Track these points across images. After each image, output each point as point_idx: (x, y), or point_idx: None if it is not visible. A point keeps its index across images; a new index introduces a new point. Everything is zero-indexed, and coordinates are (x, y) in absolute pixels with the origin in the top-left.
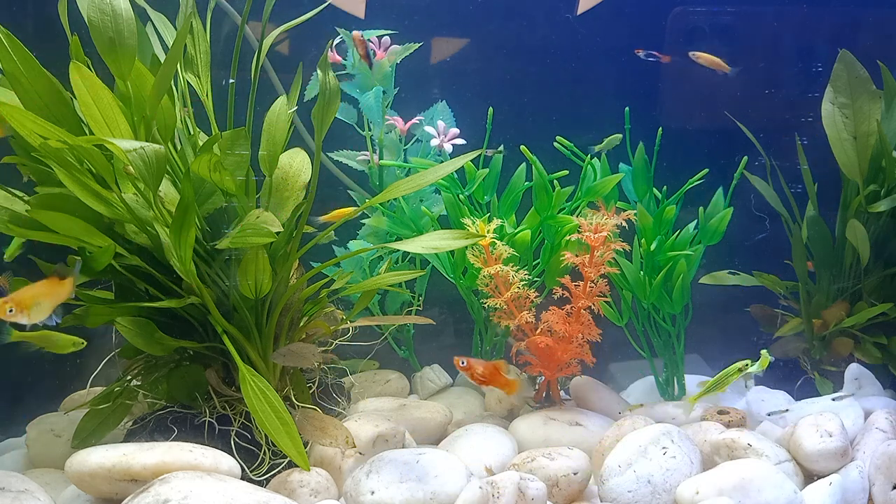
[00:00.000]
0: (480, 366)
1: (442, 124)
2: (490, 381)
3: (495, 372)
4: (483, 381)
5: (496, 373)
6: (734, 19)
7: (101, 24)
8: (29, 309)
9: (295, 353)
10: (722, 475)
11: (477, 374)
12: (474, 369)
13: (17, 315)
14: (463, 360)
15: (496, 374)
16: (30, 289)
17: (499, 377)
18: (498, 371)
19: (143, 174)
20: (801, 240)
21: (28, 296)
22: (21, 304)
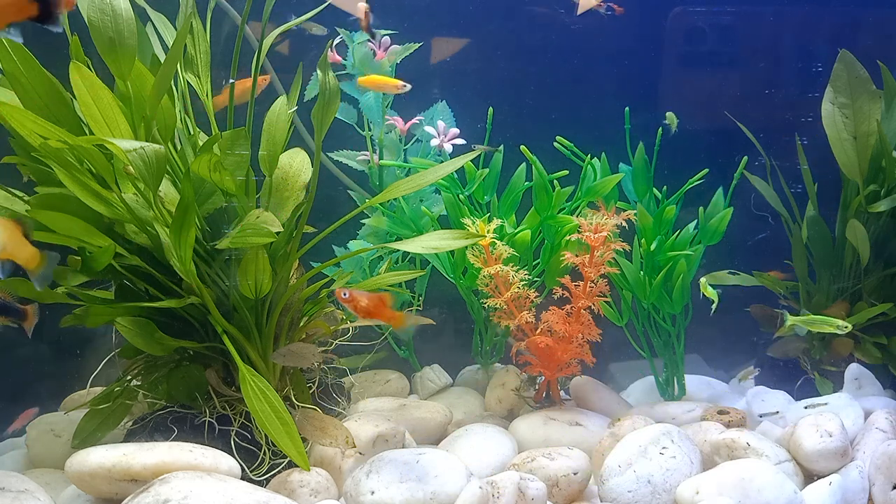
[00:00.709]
0: (364, 298)
1: (442, 124)
2: (374, 314)
3: (380, 305)
4: (367, 314)
5: (381, 305)
6: (734, 19)
7: (101, 24)
8: None
9: (295, 353)
10: (722, 475)
11: (360, 306)
12: (357, 301)
13: None
14: (345, 292)
15: (381, 307)
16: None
17: (384, 310)
18: (383, 304)
19: (143, 174)
20: (801, 240)
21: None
22: None
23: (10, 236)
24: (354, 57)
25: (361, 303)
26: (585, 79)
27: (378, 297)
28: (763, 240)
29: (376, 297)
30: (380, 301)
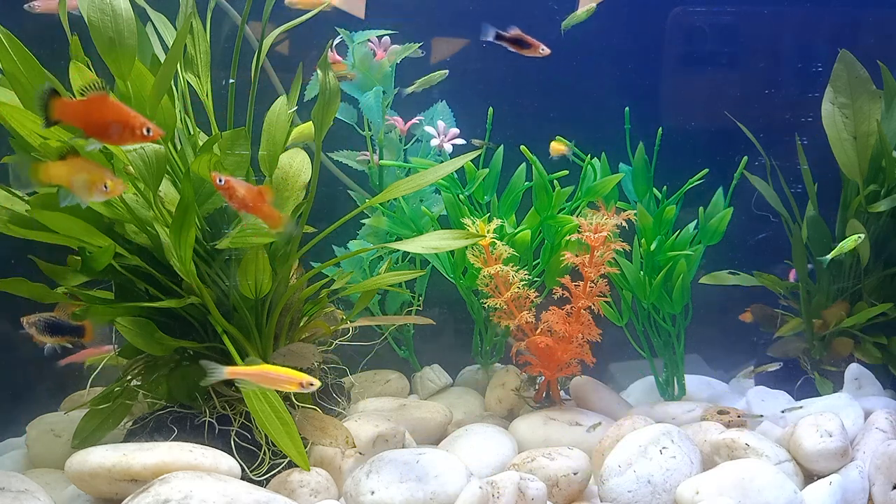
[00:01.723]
0: (242, 188)
1: (442, 124)
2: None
3: (259, 198)
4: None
5: (260, 199)
6: (734, 19)
7: (101, 24)
8: None
9: (295, 353)
10: (722, 475)
11: (237, 196)
12: (234, 190)
13: None
14: (221, 178)
15: (259, 201)
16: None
17: (262, 206)
18: (262, 198)
19: (143, 174)
20: (801, 240)
21: None
22: None
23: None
24: (354, 57)
25: (239, 192)
26: (585, 79)
27: (257, 191)
28: (763, 240)
29: (255, 190)
30: (259, 194)
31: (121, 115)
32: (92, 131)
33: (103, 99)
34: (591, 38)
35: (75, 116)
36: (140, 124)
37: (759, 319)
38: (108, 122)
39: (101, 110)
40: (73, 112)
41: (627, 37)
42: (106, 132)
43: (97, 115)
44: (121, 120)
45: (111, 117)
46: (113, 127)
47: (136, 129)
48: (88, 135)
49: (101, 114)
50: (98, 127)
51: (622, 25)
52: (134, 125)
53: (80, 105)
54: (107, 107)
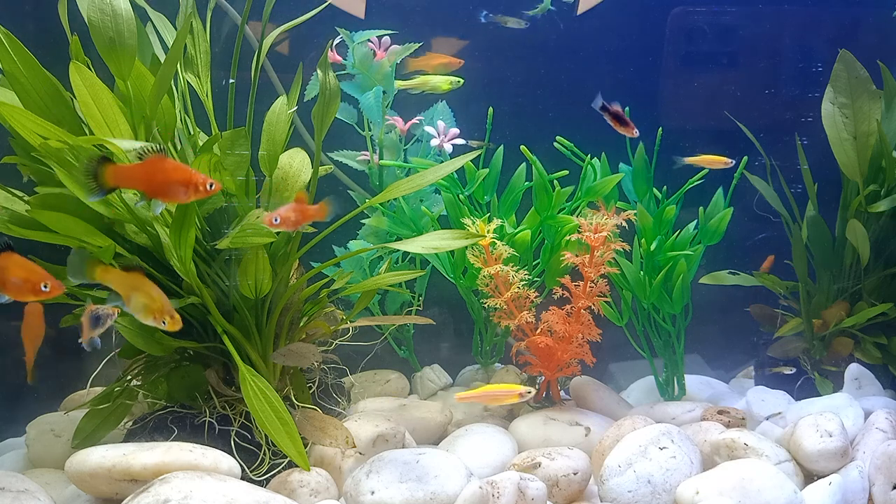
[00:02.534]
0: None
1: (442, 124)
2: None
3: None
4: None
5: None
6: (734, 19)
7: (101, 24)
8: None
9: (295, 353)
10: (722, 475)
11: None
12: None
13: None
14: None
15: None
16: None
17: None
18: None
19: None
20: (801, 240)
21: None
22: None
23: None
24: (354, 57)
25: (292, 218)
26: (585, 79)
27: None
28: (763, 240)
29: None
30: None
31: (183, 174)
32: (154, 192)
33: (162, 160)
34: (592, 38)
35: (134, 180)
36: (202, 181)
37: (760, 319)
38: (171, 182)
39: (163, 172)
40: (131, 176)
41: (628, 37)
42: (168, 192)
43: (159, 176)
44: (183, 179)
45: (174, 178)
46: (175, 187)
47: (198, 185)
48: (150, 196)
49: (163, 175)
50: (160, 188)
51: (622, 25)
52: (196, 182)
53: (138, 169)
54: (167, 168)
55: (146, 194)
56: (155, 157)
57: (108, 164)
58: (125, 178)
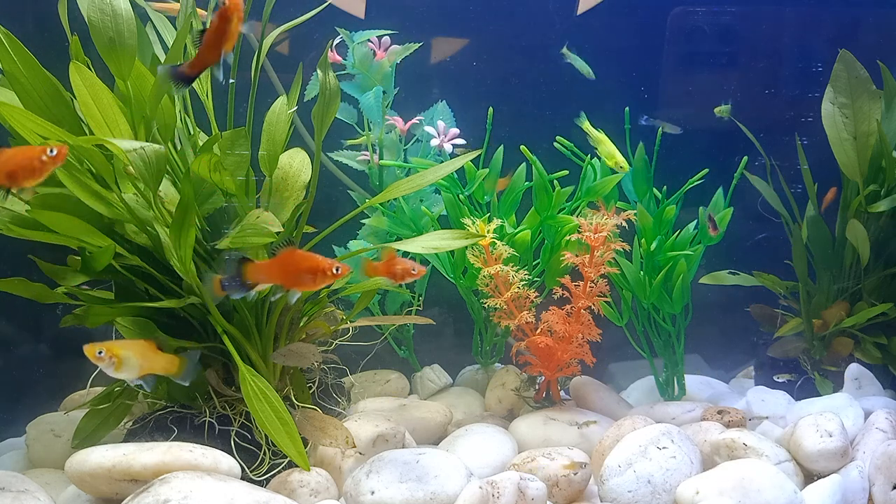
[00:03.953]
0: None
1: (442, 124)
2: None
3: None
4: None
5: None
6: (734, 19)
7: (101, 24)
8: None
9: (295, 353)
10: (722, 475)
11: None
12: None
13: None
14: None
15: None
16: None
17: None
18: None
19: (143, 174)
20: (801, 240)
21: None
22: (110, 352)
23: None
24: (354, 57)
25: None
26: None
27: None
28: (763, 240)
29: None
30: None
31: (313, 263)
32: (289, 283)
33: (293, 253)
34: (592, 38)
35: (270, 274)
36: (329, 266)
37: (760, 319)
38: (302, 272)
39: (294, 264)
40: (268, 271)
41: (628, 37)
42: (301, 281)
43: (292, 268)
44: (313, 268)
45: (305, 267)
46: (306, 275)
47: (327, 271)
48: (287, 287)
49: (295, 266)
50: (293, 278)
51: (622, 25)
52: (325, 269)
53: (273, 264)
54: (298, 259)
55: (283, 286)
56: (286, 251)
57: (248, 262)
58: (263, 274)
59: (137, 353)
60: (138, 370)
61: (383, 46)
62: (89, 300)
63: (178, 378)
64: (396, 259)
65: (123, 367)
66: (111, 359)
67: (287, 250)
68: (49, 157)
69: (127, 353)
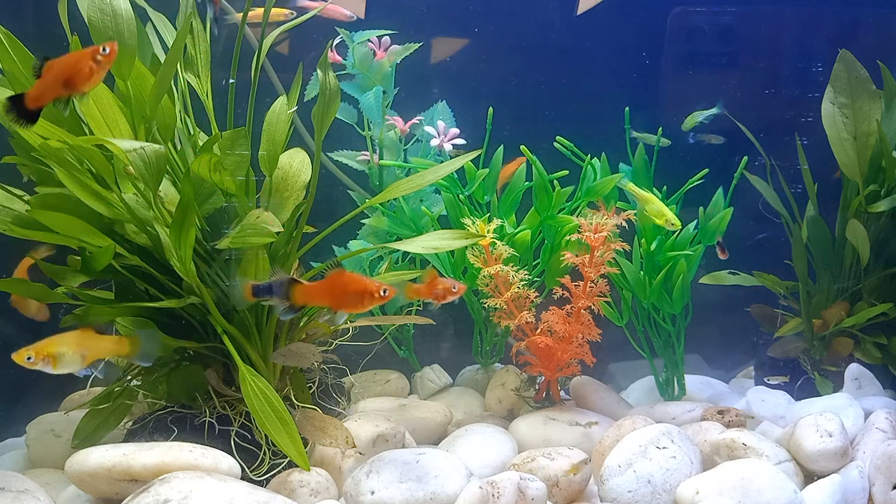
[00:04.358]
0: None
1: (442, 124)
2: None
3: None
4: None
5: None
6: (734, 19)
7: (101, 24)
8: (53, 359)
9: (295, 353)
10: (722, 475)
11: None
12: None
13: (39, 363)
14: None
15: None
16: (55, 339)
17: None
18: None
19: (143, 174)
20: (801, 240)
21: (50, 345)
22: (40, 353)
23: (84, 343)
24: (354, 57)
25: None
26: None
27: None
28: (763, 240)
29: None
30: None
31: (361, 286)
32: (337, 305)
33: (341, 275)
34: (592, 38)
35: (319, 297)
36: (376, 288)
37: (760, 319)
38: (350, 294)
39: (343, 286)
40: (317, 293)
41: (628, 37)
42: (349, 303)
43: (340, 290)
44: (362, 290)
45: (353, 289)
46: (354, 297)
47: (374, 293)
48: (335, 309)
49: (343, 289)
50: (342, 300)
51: (622, 25)
52: (372, 290)
53: (322, 286)
54: (346, 282)
55: (331, 308)
56: (334, 273)
57: (297, 284)
58: (312, 296)
59: (73, 345)
60: (81, 361)
61: (383, 46)
62: (89, 300)
63: (135, 358)
64: (437, 280)
65: (61, 363)
66: (44, 359)
67: (335, 273)
68: (103, 55)
69: (60, 348)
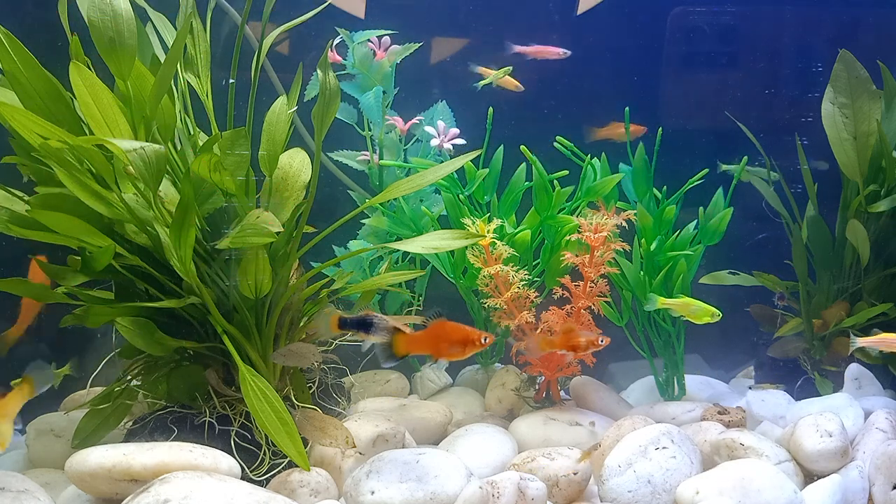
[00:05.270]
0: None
1: (442, 124)
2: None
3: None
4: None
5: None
6: (734, 19)
7: (101, 24)
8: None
9: (295, 353)
10: (722, 475)
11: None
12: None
13: None
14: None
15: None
16: None
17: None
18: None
19: (143, 174)
20: (801, 240)
21: None
22: None
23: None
24: (354, 57)
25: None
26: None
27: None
28: (763, 240)
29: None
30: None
31: (463, 334)
32: (439, 353)
33: (443, 325)
34: (592, 38)
35: (421, 345)
36: (478, 337)
37: (760, 319)
38: (453, 343)
39: (445, 335)
40: (419, 342)
41: (628, 37)
42: (451, 351)
43: (443, 339)
44: (464, 339)
45: (456, 339)
46: (457, 346)
47: (476, 342)
48: (436, 357)
49: (446, 338)
50: (444, 348)
51: (622, 25)
52: (475, 340)
53: (425, 336)
54: (448, 331)
55: (433, 356)
56: (436, 323)
57: (399, 333)
58: (414, 345)
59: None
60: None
61: (383, 46)
62: (89, 300)
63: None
64: (573, 332)
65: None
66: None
67: (437, 322)
68: None
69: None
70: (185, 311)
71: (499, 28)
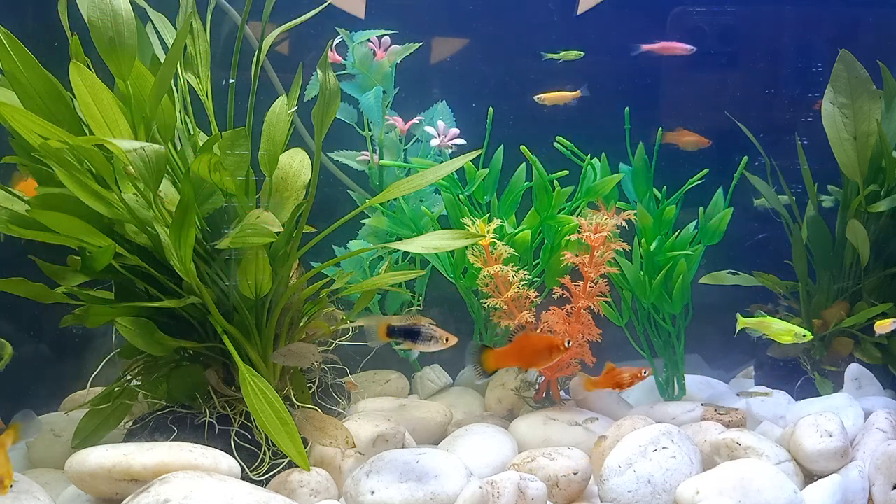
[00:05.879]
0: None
1: (442, 124)
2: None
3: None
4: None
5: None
6: (734, 19)
7: (101, 24)
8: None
9: (295, 353)
10: (722, 475)
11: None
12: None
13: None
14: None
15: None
16: None
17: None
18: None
19: (143, 174)
20: (801, 240)
21: None
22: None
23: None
24: (354, 57)
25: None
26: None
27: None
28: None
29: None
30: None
31: (548, 342)
32: (527, 363)
33: (527, 336)
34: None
35: (509, 359)
36: (561, 342)
37: None
38: (540, 352)
39: (531, 346)
40: (507, 356)
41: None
42: (538, 361)
43: (529, 350)
44: (549, 346)
45: (542, 348)
46: (543, 354)
47: (560, 347)
48: (525, 368)
49: (532, 348)
50: (531, 358)
51: (623, 25)
52: (559, 345)
53: (511, 349)
54: (534, 342)
55: (522, 367)
56: (520, 336)
57: (488, 350)
58: (503, 359)
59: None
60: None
61: (383, 46)
62: (89, 300)
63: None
64: (615, 371)
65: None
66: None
67: (521, 335)
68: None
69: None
70: (185, 311)
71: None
